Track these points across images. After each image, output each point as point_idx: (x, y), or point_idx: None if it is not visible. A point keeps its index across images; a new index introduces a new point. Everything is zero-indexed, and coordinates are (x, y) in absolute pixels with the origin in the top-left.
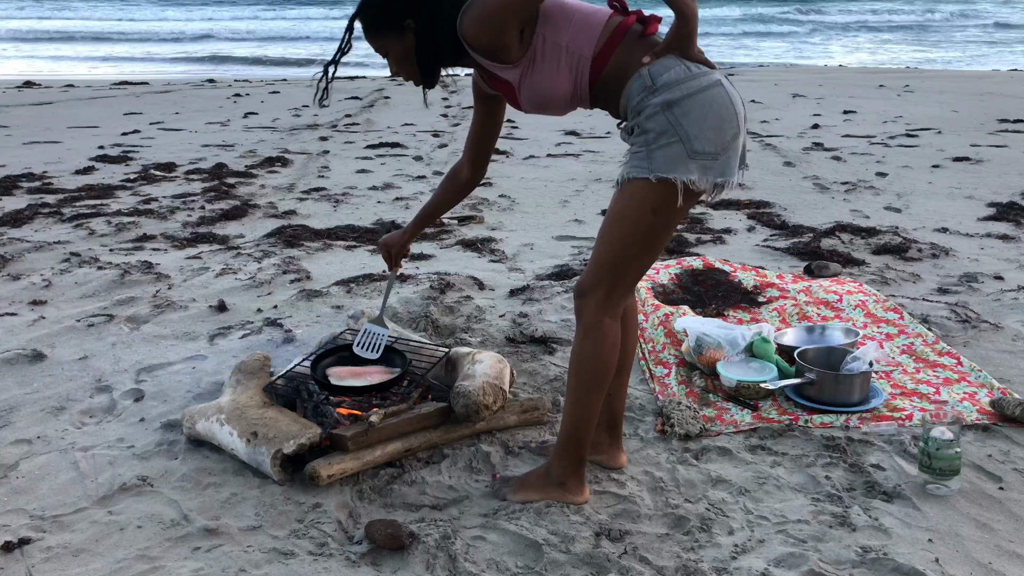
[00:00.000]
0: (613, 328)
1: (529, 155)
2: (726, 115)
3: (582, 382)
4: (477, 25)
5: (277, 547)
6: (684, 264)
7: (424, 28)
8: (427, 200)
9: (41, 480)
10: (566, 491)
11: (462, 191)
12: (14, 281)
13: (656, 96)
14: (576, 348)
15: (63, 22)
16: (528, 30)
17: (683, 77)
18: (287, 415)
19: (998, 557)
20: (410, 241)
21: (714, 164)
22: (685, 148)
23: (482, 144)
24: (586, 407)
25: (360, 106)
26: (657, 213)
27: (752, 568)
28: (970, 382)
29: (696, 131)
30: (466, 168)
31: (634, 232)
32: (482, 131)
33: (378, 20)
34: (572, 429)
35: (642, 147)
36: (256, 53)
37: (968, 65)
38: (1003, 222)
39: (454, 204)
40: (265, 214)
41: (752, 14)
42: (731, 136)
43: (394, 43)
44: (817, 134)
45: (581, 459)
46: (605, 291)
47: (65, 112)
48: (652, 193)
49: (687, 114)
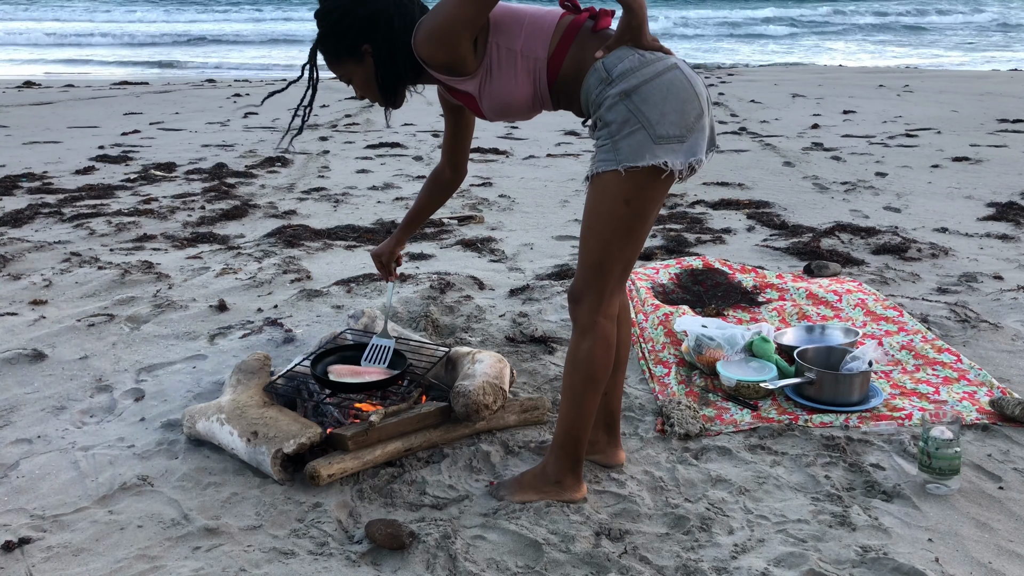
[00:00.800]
0: (609, 328)
1: (529, 155)
2: (686, 97)
3: (579, 383)
4: (430, 42)
5: (277, 546)
6: (684, 264)
7: (380, 51)
8: (412, 205)
9: (41, 480)
10: (563, 489)
11: (445, 192)
12: (14, 281)
13: (613, 87)
14: (572, 349)
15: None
16: (481, 40)
17: (638, 65)
18: (287, 414)
19: (998, 556)
20: (399, 247)
21: (680, 147)
22: (649, 134)
23: (457, 148)
24: (583, 407)
25: (360, 106)
26: (631, 204)
27: (752, 568)
28: (970, 380)
29: (657, 116)
30: (447, 170)
31: (611, 227)
32: (455, 137)
33: (336, 49)
34: (569, 429)
35: (607, 139)
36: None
37: (969, 65)
38: (1003, 222)
39: (439, 205)
40: (265, 214)
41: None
42: (694, 117)
43: (355, 68)
44: (817, 134)
45: (578, 458)
46: (597, 293)
47: (65, 112)
48: (622, 184)
49: (646, 100)
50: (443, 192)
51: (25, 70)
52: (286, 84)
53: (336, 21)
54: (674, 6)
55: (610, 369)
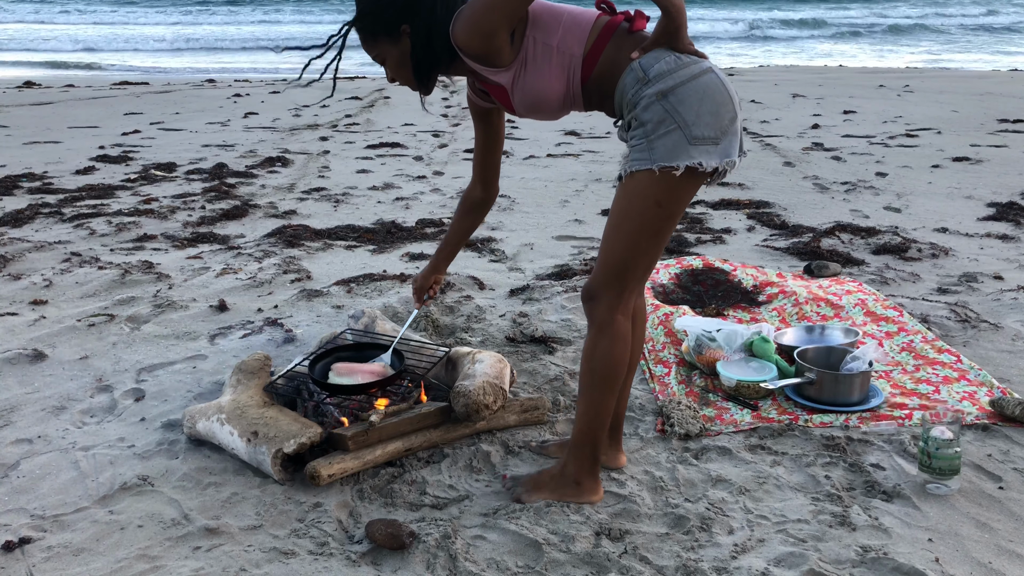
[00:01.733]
0: (625, 326)
1: (529, 155)
2: (721, 100)
3: (596, 381)
4: (468, 30)
5: (277, 546)
6: (684, 264)
7: (419, 33)
8: (447, 232)
9: (42, 480)
10: (582, 490)
11: (478, 212)
12: (15, 281)
13: (650, 87)
14: (589, 347)
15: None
16: (518, 33)
17: (674, 66)
18: (287, 414)
19: (998, 556)
20: (433, 274)
21: (715, 148)
22: (684, 135)
23: (488, 162)
24: (600, 406)
25: (360, 106)
26: (662, 205)
27: (752, 567)
28: (970, 380)
29: (693, 117)
30: (478, 189)
31: (640, 228)
32: (486, 149)
33: (374, 27)
34: (586, 428)
35: (641, 139)
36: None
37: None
38: (1003, 222)
39: (474, 228)
40: (265, 214)
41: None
42: (728, 120)
43: (391, 49)
44: (817, 134)
45: (596, 458)
46: (616, 291)
47: (65, 112)
48: (655, 185)
49: (683, 101)
50: (476, 213)
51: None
52: (315, 55)
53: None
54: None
55: (626, 367)
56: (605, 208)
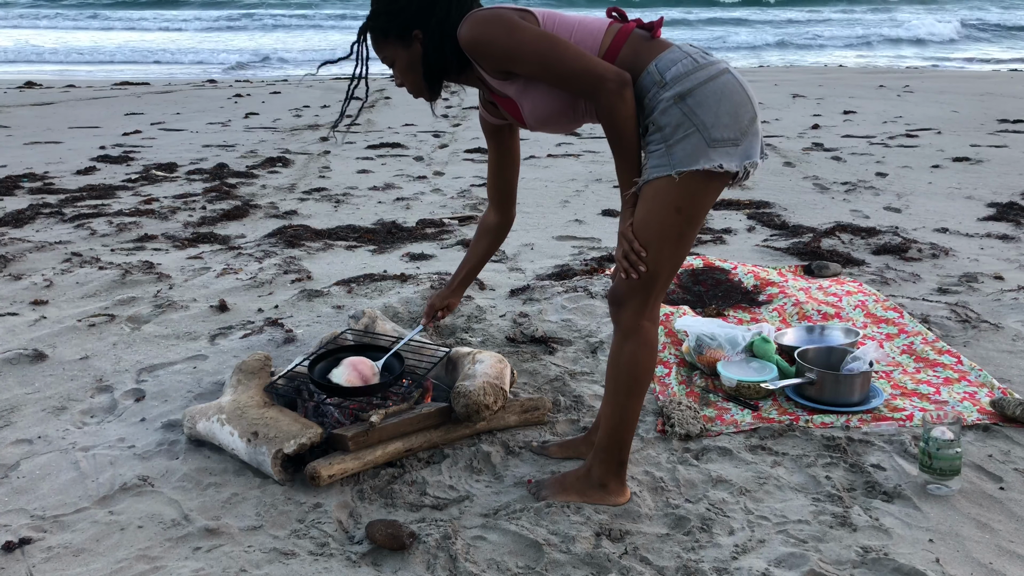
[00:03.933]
0: (652, 331)
1: (529, 155)
2: (739, 100)
3: (622, 386)
4: (477, 38)
5: (278, 547)
6: (684, 263)
7: (432, 38)
8: (465, 256)
9: (42, 480)
10: (607, 492)
11: (494, 237)
12: (15, 281)
13: (667, 90)
14: (615, 352)
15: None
16: None
17: (691, 68)
18: (288, 415)
19: (998, 557)
20: (450, 298)
21: (736, 150)
22: (703, 137)
23: (503, 184)
24: (627, 411)
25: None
26: (682, 211)
27: (752, 568)
28: (970, 381)
29: (712, 119)
30: (492, 213)
31: (662, 235)
32: (499, 171)
33: (387, 28)
34: (613, 433)
35: (660, 144)
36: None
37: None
38: (1003, 222)
39: (492, 252)
40: (266, 214)
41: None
42: (748, 120)
43: (401, 52)
44: (817, 134)
45: (623, 462)
46: (642, 298)
47: (66, 112)
48: (674, 191)
49: (701, 104)
50: (492, 238)
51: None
52: (335, 60)
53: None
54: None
55: (653, 372)
56: (605, 208)
